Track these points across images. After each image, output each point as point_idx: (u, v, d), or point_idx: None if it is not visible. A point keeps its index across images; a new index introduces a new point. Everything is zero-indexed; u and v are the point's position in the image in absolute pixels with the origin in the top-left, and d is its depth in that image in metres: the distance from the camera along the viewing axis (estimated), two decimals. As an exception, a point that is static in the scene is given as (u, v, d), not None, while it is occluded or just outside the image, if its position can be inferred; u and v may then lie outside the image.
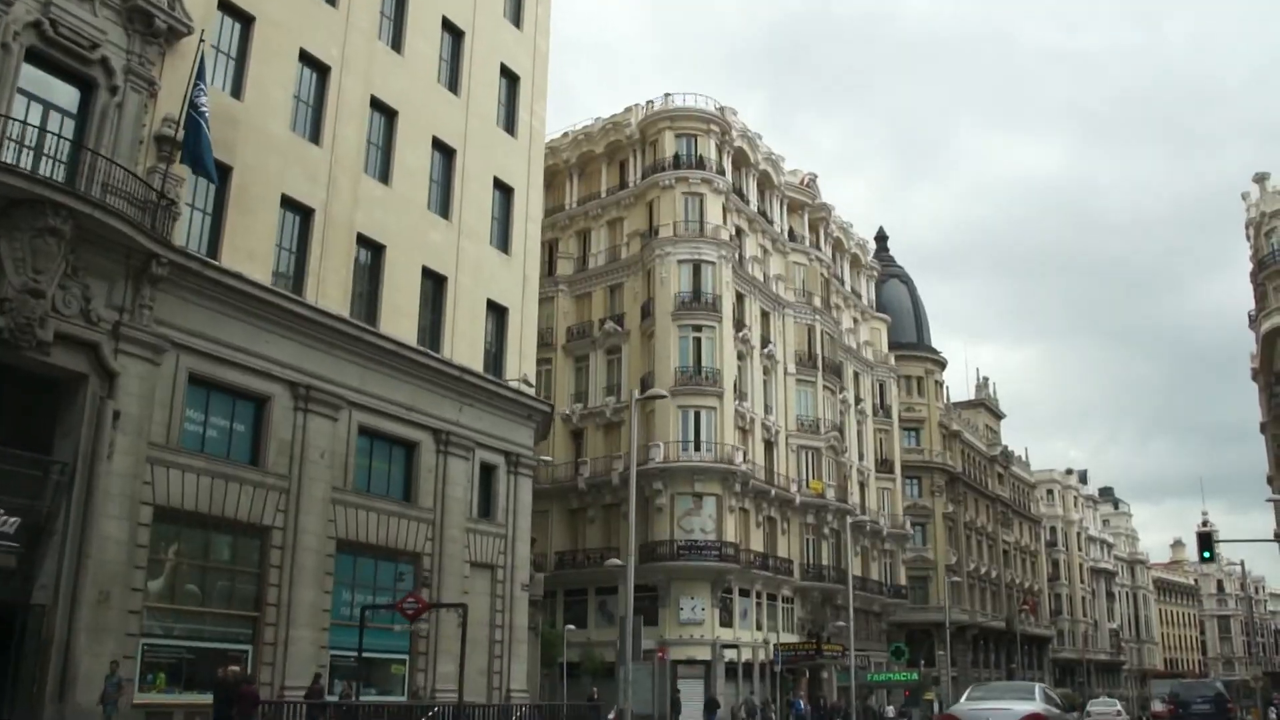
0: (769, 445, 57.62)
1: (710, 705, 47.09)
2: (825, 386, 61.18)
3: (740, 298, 57.17)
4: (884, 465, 70.35)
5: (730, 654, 50.90)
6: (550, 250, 60.07)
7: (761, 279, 58.97)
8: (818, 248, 64.40)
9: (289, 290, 26.58)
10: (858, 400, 68.60)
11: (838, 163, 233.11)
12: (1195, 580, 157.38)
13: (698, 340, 52.85)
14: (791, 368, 59.86)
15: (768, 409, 57.89)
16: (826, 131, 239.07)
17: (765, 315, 59.34)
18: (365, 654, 25.63)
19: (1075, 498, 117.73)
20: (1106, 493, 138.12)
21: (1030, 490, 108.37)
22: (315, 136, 28.17)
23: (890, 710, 60.66)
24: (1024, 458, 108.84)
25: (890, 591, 68.35)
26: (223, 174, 24.93)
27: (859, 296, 71.60)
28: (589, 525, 54.42)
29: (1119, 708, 64.02)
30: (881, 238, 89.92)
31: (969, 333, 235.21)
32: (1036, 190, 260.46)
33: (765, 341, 58.37)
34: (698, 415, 51.82)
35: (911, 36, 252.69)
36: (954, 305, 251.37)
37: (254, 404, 25.53)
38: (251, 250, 25.67)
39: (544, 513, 55.22)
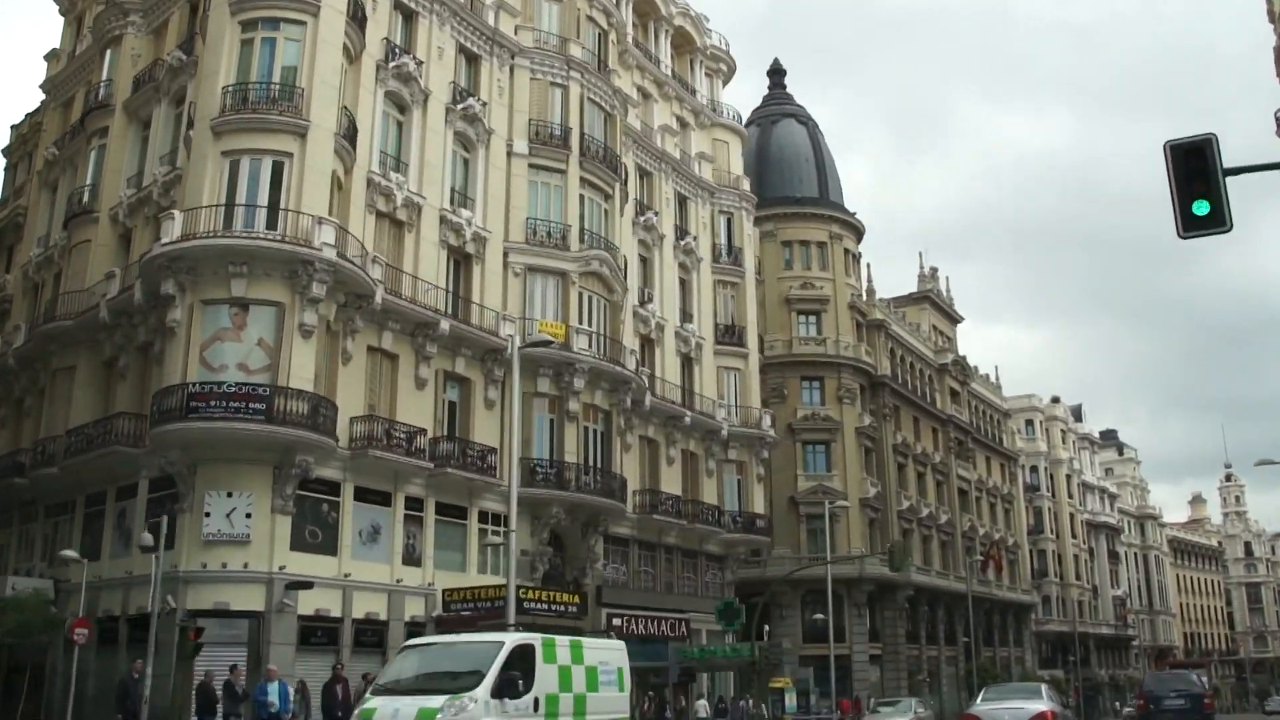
0: (464, 259, 32.66)
1: (203, 695, 22.25)
2: (589, 182, 36.02)
3: (410, 15, 32.42)
4: (730, 336, 44.99)
5: (327, 602, 26.18)
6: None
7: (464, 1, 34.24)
8: (593, -16, 39.30)
9: None
10: (681, 233, 43.30)
11: (836, 141, 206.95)
12: (1219, 542, 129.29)
13: (271, 44, 28.09)
14: (521, 145, 34.80)
15: (464, 200, 33.00)
16: (822, 110, 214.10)
17: (471, 60, 34.41)
18: None
19: (1064, 432, 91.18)
20: (1109, 436, 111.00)
21: (1003, 419, 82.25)
22: None
23: (702, 708, 35.50)
24: (994, 379, 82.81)
25: (739, 524, 42.95)
26: None
27: (690, 90, 46.22)
28: (120, 382, 29.83)
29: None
30: (777, 71, 64.70)
31: (981, 314, 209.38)
32: (1041, 166, 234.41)
33: (462, 94, 33.47)
34: (255, 167, 27.01)
35: (903, 10, 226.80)
36: (965, 285, 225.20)
37: None
38: None
39: (68, 370, 31.18)
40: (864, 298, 61.30)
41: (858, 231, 61.09)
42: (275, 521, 25.40)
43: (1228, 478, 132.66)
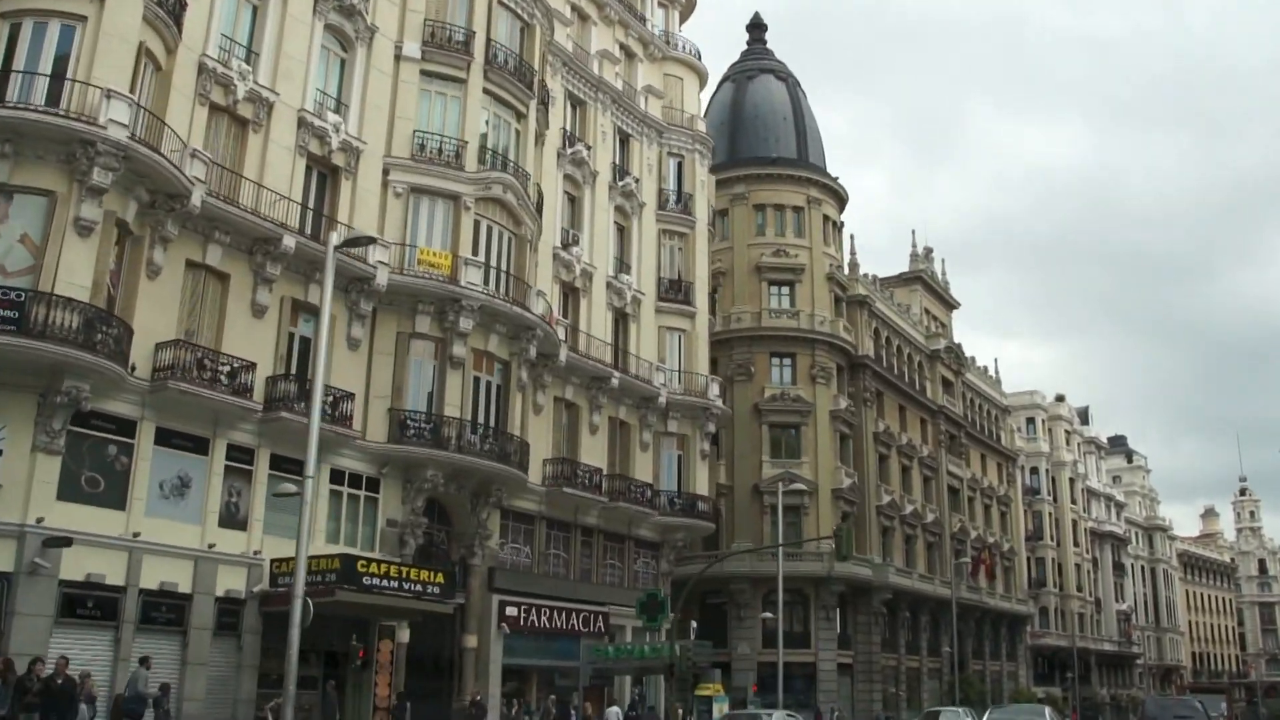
0: (330, 173, 27.44)
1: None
2: (496, 97, 30.67)
3: (276, -119, 27.32)
4: (676, 292, 39.63)
5: (105, 566, 20.96)
6: None
7: (350, -127, 29.06)
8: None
9: None
10: (621, 174, 38.01)
11: (851, 152, 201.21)
12: (1232, 559, 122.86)
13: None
14: (412, 48, 29.53)
15: (337, 105, 27.78)
16: (837, 120, 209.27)
17: (357, -57, 29.35)
18: None
19: (1068, 433, 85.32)
20: (1118, 442, 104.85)
21: (1001, 416, 76.53)
22: None
23: (614, 716, 30.00)
24: (993, 373, 77.15)
25: (678, 507, 37.51)
26: None
27: (638, 16, 40.84)
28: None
29: None
30: (757, 25, 59.45)
31: (993, 328, 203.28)
32: (1057, 179, 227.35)
33: (340, -19, 28.31)
34: (39, 31, 21.87)
35: (917, 20, 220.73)
36: (978, 299, 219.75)
37: None
38: None
39: None
40: (845, 271, 55.93)
41: (840, 198, 55.70)
42: (36, 462, 20.22)
43: (1242, 492, 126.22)
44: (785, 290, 52.26)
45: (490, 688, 28.75)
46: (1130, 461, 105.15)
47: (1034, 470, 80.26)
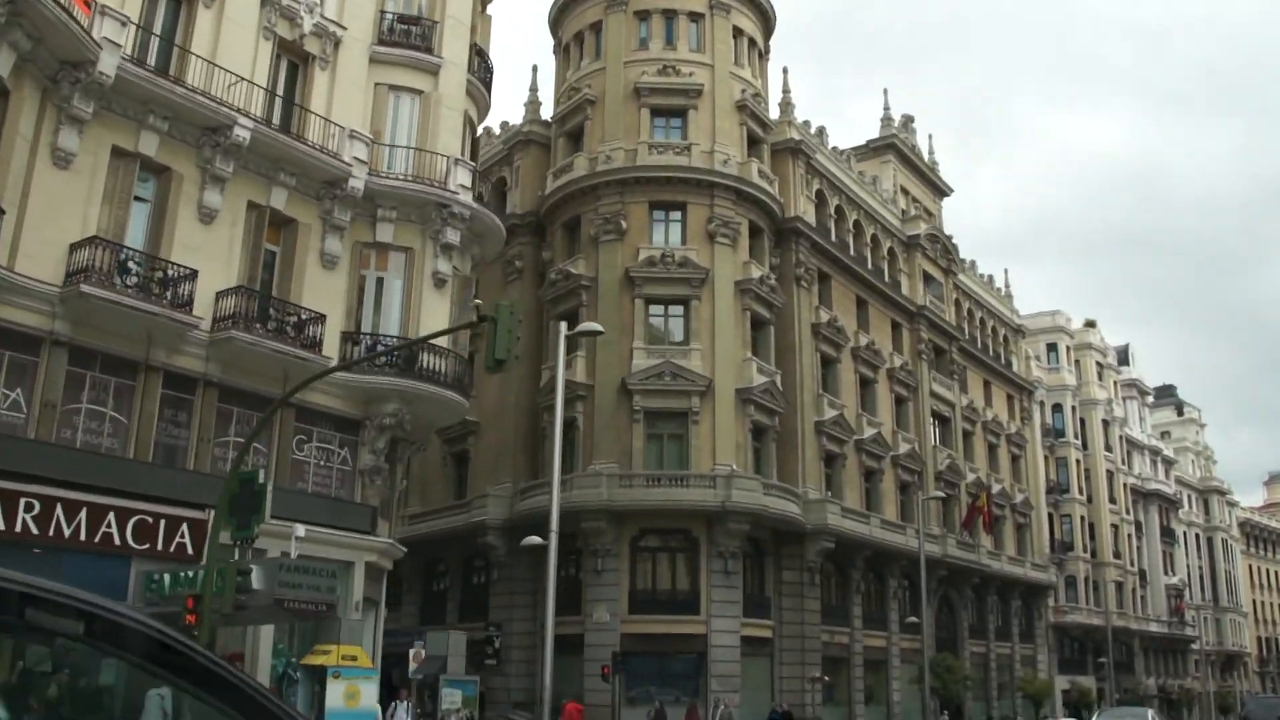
0: None
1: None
2: None
3: None
4: (407, 35, 24.67)
5: None
6: None
7: None
8: None
9: None
10: None
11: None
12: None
13: None
14: None
15: None
16: (876, 108, 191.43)
17: None
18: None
19: (1100, 366, 68.98)
20: (1166, 393, 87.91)
21: (1013, 337, 60.62)
22: None
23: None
24: (1003, 288, 61.30)
25: (391, 362, 22.58)
26: None
27: None
28: None
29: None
30: None
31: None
32: (1105, 168, 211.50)
33: None
34: None
35: (961, 9, 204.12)
36: (1029, 290, 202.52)
37: None
38: None
39: None
40: (774, 112, 40.97)
41: (762, 12, 40.69)
42: None
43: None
44: (676, 122, 37.46)
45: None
46: (1181, 414, 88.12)
47: (1056, 407, 64.10)
